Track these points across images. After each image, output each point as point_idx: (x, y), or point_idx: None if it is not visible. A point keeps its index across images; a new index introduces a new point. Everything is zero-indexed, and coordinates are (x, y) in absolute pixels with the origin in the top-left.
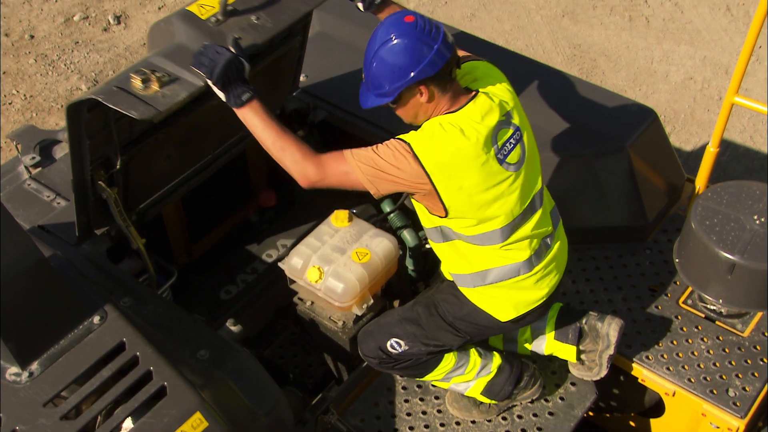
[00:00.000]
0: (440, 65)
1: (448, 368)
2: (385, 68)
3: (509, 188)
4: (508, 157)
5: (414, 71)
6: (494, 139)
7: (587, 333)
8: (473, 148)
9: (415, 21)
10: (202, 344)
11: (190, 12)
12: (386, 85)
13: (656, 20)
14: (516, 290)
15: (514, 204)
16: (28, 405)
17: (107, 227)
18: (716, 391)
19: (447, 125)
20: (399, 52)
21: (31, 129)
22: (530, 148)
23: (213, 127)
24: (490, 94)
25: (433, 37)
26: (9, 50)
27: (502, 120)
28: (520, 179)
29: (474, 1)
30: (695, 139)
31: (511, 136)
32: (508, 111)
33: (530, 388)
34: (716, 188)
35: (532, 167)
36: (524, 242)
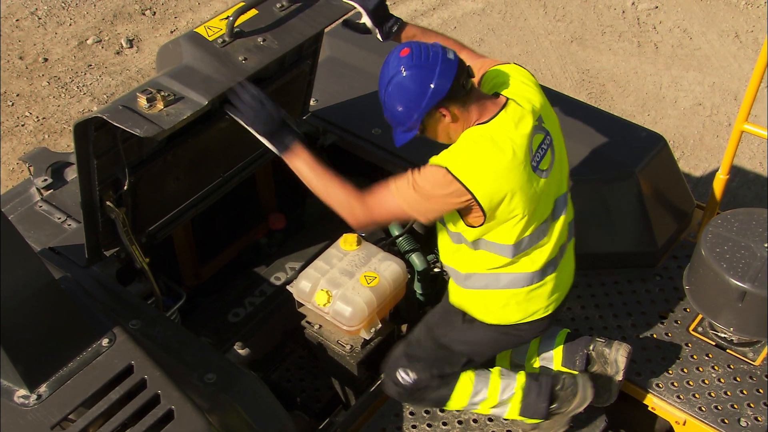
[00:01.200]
0: (448, 84)
1: (467, 394)
2: (398, 106)
3: (540, 194)
4: (541, 162)
5: (425, 99)
6: (530, 147)
7: (595, 360)
8: (509, 159)
9: (410, 52)
10: (209, 367)
11: (198, 34)
12: (406, 121)
13: (665, 46)
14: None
15: (543, 209)
16: (35, 428)
17: (117, 249)
18: (727, 421)
19: (479, 138)
20: (404, 86)
21: (43, 151)
22: (559, 151)
23: (222, 150)
24: (519, 99)
25: (432, 61)
26: (23, 73)
27: (535, 125)
28: (549, 184)
29: (483, 26)
30: (704, 165)
31: (543, 141)
32: (539, 115)
33: (571, 399)
34: (726, 215)
35: (559, 170)
36: (543, 249)
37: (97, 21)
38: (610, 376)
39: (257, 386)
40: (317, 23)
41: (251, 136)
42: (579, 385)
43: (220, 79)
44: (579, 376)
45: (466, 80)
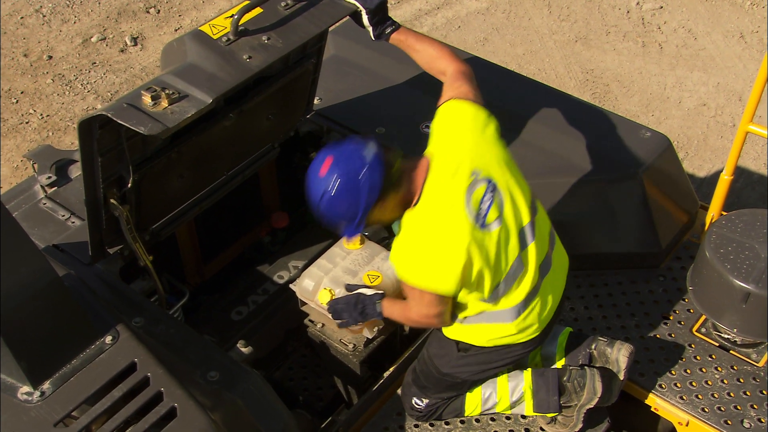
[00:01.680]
0: (378, 187)
1: (478, 401)
2: (336, 219)
3: (499, 243)
4: (488, 216)
5: (360, 210)
6: (470, 211)
7: (596, 358)
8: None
9: (330, 167)
10: (212, 365)
11: (202, 32)
12: (348, 230)
13: (669, 46)
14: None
15: (508, 253)
16: (39, 424)
17: (120, 246)
18: (731, 422)
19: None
20: (335, 204)
21: (47, 149)
22: (507, 188)
23: (226, 148)
24: (444, 156)
25: (355, 171)
26: (27, 70)
27: (470, 182)
28: (505, 229)
29: (487, 25)
30: (708, 166)
31: (484, 193)
32: (473, 169)
33: (580, 392)
34: (731, 216)
35: (513, 208)
36: (522, 282)
37: (101, 19)
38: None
39: (260, 384)
40: (322, 22)
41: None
42: (587, 377)
43: (225, 77)
44: (587, 369)
45: (395, 170)
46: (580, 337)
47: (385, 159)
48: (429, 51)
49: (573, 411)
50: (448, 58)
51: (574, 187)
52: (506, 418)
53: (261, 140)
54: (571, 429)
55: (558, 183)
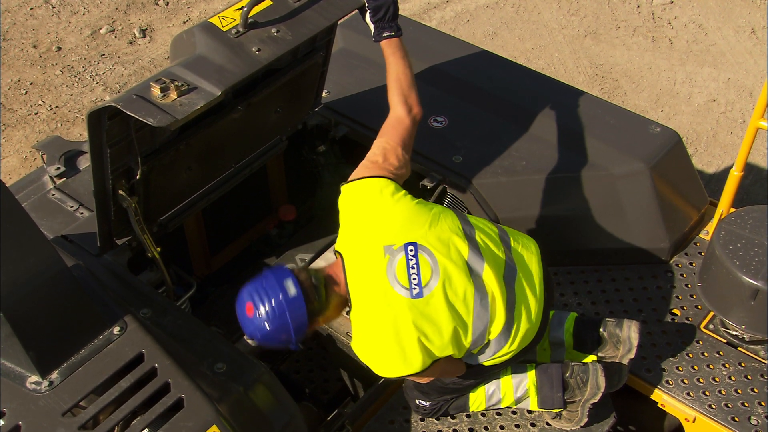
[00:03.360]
0: (305, 316)
1: (482, 398)
2: (278, 345)
3: (453, 296)
4: (422, 280)
5: (293, 336)
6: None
7: (606, 340)
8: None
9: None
10: (219, 357)
11: (212, 24)
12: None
13: (680, 42)
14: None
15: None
16: (47, 414)
17: (129, 238)
18: (738, 419)
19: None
20: (270, 338)
21: (56, 140)
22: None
23: (234, 141)
24: (353, 247)
25: (278, 309)
26: (36, 61)
27: (387, 263)
28: (449, 278)
29: (496, 19)
30: (717, 162)
31: (408, 262)
32: (384, 246)
33: (583, 387)
34: (740, 212)
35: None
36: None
37: (110, 10)
38: (622, 356)
39: (267, 377)
40: (331, 15)
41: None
42: (589, 373)
43: (234, 69)
44: (589, 364)
45: (318, 294)
46: (586, 321)
47: (305, 287)
48: (393, 78)
49: (577, 406)
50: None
51: (583, 182)
52: (512, 412)
53: (269, 133)
54: (576, 423)
55: (567, 178)
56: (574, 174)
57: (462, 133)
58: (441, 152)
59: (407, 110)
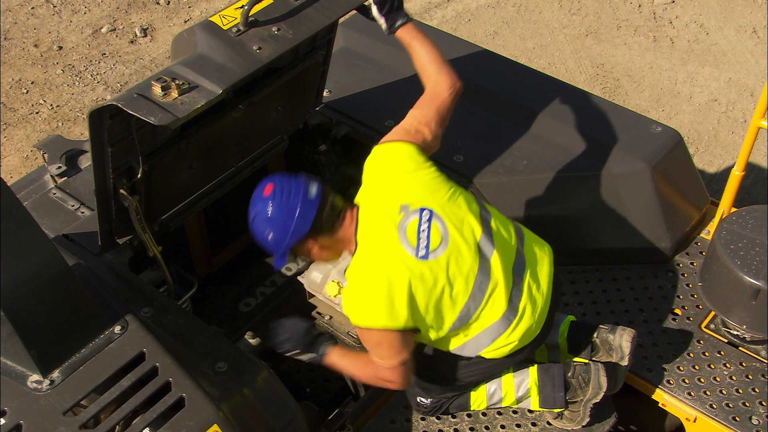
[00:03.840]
0: (307, 226)
1: (483, 396)
2: (264, 241)
3: (449, 267)
4: (430, 245)
5: (286, 239)
6: (408, 246)
7: (599, 346)
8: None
9: (273, 191)
10: (220, 356)
11: (212, 23)
12: (275, 252)
13: (681, 41)
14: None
15: (464, 273)
16: (48, 413)
17: (130, 237)
18: (739, 418)
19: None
20: (266, 226)
21: (58, 139)
22: (446, 211)
23: (236, 139)
24: (372, 200)
25: (293, 199)
26: (38, 60)
27: (401, 219)
28: (453, 249)
29: (497, 18)
30: (719, 162)
31: (419, 224)
32: (402, 205)
33: (585, 387)
34: (741, 212)
35: (459, 226)
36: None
37: (111, 10)
38: (615, 363)
39: (268, 376)
40: (332, 13)
41: (264, 126)
42: (591, 372)
43: (235, 68)
44: (591, 364)
45: (330, 213)
46: (581, 325)
47: (324, 206)
48: (422, 61)
49: (579, 406)
50: (434, 78)
51: (584, 181)
52: (513, 412)
53: (270, 132)
54: (578, 423)
55: (568, 177)
56: (575, 173)
57: (463, 132)
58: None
59: (444, 86)
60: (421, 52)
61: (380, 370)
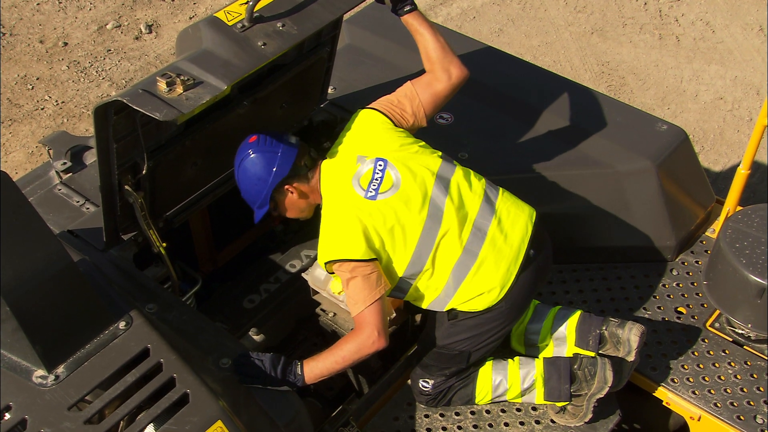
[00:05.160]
0: (288, 166)
1: (489, 387)
2: (248, 185)
3: (397, 208)
4: (380, 188)
5: (270, 178)
6: (359, 189)
7: (607, 339)
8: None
9: (257, 138)
10: (225, 352)
11: (217, 18)
12: (257, 198)
13: (687, 39)
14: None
15: (411, 215)
16: (53, 408)
17: (134, 233)
18: (743, 417)
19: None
20: (250, 167)
21: (63, 135)
22: (404, 162)
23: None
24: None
25: (275, 146)
26: (43, 56)
27: (357, 169)
28: (404, 192)
29: (502, 16)
30: (724, 160)
31: (374, 171)
32: (358, 156)
33: (590, 381)
34: (747, 211)
35: (415, 174)
36: (448, 236)
37: (116, 6)
38: (622, 357)
39: None
40: (337, 9)
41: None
42: (597, 366)
43: (240, 64)
44: (597, 358)
45: (309, 161)
46: (591, 319)
47: (303, 152)
48: (429, 43)
49: (583, 400)
50: (432, 62)
51: (589, 179)
52: (516, 409)
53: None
54: (581, 419)
55: (573, 175)
56: (580, 171)
57: (468, 129)
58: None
59: (445, 75)
60: (428, 37)
61: (360, 324)
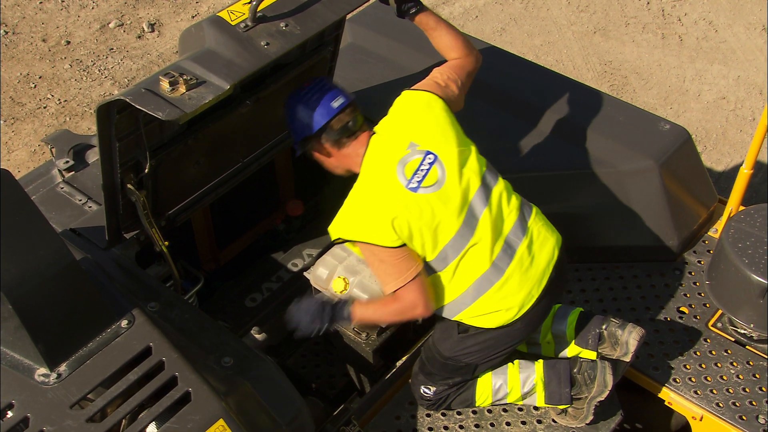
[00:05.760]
0: (315, 127)
1: (489, 391)
2: (288, 123)
3: (434, 206)
4: (423, 182)
5: (299, 129)
6: (402, 178)
7: (606, 339)
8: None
9: (308, 87)
10: (226, 351)
11: (220, 18)
12: (294, 137)
13: (690, 39)
14: (498, 300)
15: (448, 218)
16: (55, 406)
17: (137, 231)
18: (745, 417)
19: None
20: (289, 111)
21: (65, 133)
22: (452, 159)
23: (242, 136)
24: (387, 132)
25: (315, 101)
26: (45, 55)
27: (405, 155)
28: (445, 194)
29: (504, 15)
30: (727, 160)
31: (422, 162)
32: (411, 142)
33: (590, 384)
34: (749, 210)
35: (461, 177)
36: (477, 248)
37: (119, 5)
38: (618, 357)
39: (273, 371)
40: (340, 9)
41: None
42: (597, 370)
43: (243, 63)
44: (597, 361)
45: (343, 128)
46: (590, 317)
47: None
48: (444, 38)
49: (584, 403)
50: (457, 50)
51: (592, 178)
52: (518, 409)
53: (277, 128)
54: (582, 421)
55: (575, 175)
56: (582, 171)
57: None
58: None
59: (473, 56)
60: (444, 32)
61: (398, 297)
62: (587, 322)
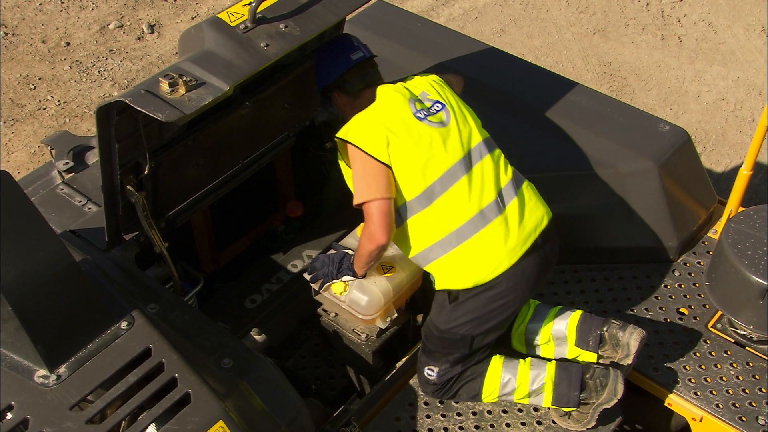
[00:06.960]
0: (332, 77)
1: (497, 384)
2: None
3: (432, 140)
4: (431, 116)
5: (319, 81)
6: (412, 106)
7: (607, 341)
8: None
9: (334, 41)
10: (226, 353)
11: (220, 19)
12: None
13: (689, 40)
14: (480, 248)
15: (442, 156)
16: (54, 408)
17: (136, 233)
18: (745, 418)
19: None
20: (315, 60)
21: (65, 135)
22: (461, 114)
23: (242, 137)
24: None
25: (335, 54)
26: (45, 56)
27: (417, 95)
28: (448, 134)
29: (504, 16)
30: (726, 161)
31: (433, 104)
32: (422, 92)
33: (600, 390)
34: (749, 212)
35: (464, 127)
36: (464, 193)
37: (119, 6)
38: (620, 359)
39: (273, 372)
40: (339, 10)
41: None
42: (610, 377)
43: (242, 65)
44: (611, 369)
45: (357, 80)
46: (592, 319)
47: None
48: None
49: (589, 409)
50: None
51: (592, 179)
52: (518, 410)
53: (277, 129)
54: (584, 426)
55: (575, 176)
56: (582, 172)
57: None
58: None
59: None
60: None
61: (366, 213)
62: (587, 324)
